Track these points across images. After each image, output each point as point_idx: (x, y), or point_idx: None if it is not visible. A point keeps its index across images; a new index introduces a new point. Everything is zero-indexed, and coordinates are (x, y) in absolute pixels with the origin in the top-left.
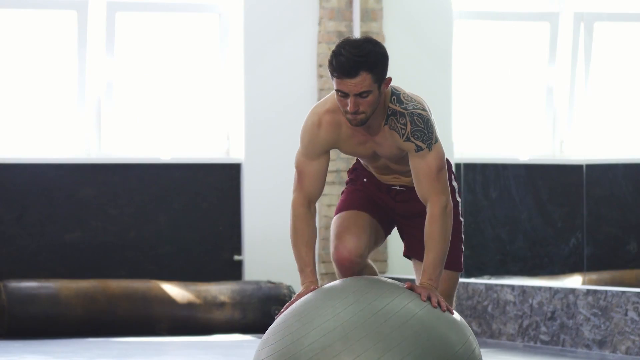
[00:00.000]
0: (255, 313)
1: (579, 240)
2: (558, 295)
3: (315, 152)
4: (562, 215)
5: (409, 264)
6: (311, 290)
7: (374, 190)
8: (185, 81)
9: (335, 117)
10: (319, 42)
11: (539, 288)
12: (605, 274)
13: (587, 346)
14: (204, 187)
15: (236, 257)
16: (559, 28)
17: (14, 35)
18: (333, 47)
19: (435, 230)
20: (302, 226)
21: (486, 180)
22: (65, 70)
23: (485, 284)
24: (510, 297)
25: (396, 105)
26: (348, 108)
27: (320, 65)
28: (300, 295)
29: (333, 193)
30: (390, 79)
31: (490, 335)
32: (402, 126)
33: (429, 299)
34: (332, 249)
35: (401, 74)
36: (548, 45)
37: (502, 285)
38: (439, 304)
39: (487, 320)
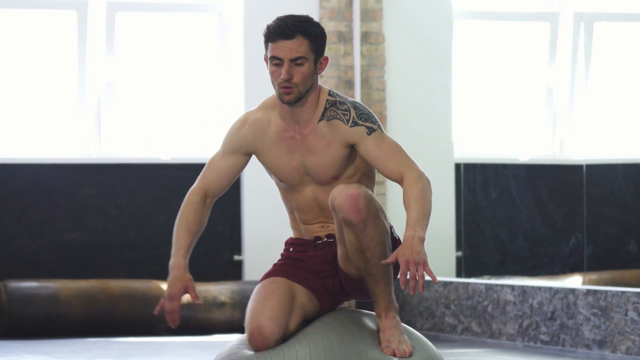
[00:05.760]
0: None
1: (579, 240)
2: (558, 295)
3: (231, 147)
4: (562, 215)
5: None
6: (182, 284)
7: (302, 263)
8: (185, 81)
9: (266, 114)
10: None
11: (539, 288)
12: (605, 274)
13: (587, 346)
14: None
15: (236, 257)
16: (559, 28)
17: (14, 35)
18: (333, 47)
19: (414, 190)
20: (188, 212)
21: (486, 180)
22: (65, 70)
23: (485, 284)
24: (510, 297)
25: (335, 97)
26: (281, 77)
27: None
28: (171, 292)
29: None
30: (327, 60)
31: (490, 335)
32: (345, 112)
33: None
34: (246, 330)
35: (401, 74)
36: (548, 45)
37: (502, 285)
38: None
39: (487, 320)
